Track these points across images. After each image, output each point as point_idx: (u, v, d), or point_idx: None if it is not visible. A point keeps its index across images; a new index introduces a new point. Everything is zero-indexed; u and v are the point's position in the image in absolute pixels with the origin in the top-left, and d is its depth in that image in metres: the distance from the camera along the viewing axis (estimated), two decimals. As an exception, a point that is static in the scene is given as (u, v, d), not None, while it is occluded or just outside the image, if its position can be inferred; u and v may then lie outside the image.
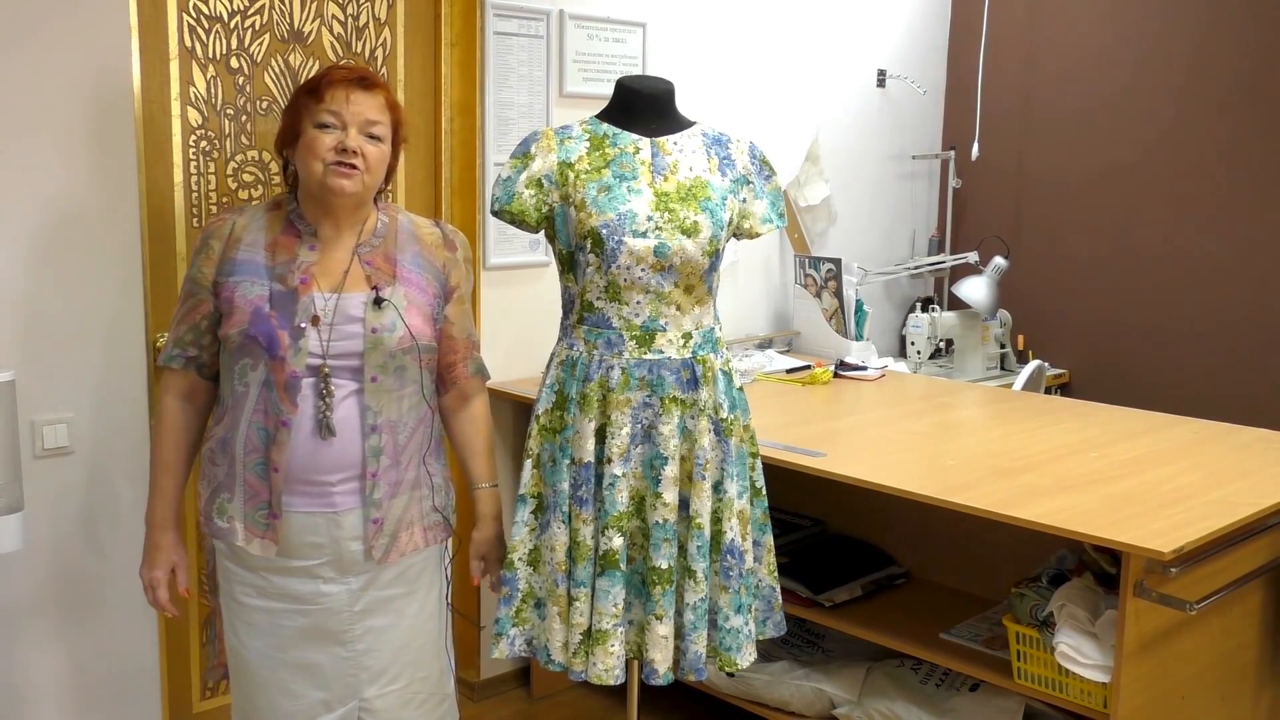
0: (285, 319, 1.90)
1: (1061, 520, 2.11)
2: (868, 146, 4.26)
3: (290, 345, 1.89)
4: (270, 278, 1.92)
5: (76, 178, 2.42)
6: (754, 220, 2.25)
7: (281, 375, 1.89)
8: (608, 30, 3.33)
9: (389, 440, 1.98)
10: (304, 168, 1.93)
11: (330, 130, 1.90)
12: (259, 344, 1.89)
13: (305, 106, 1.92)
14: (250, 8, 2.74)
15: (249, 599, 1.99)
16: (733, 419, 2.19)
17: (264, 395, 1.91)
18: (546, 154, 2.18)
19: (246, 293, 1.91)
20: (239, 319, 1.90)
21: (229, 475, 1.95)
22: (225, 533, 1.96)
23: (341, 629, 2.00)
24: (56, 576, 2.49)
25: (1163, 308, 4.04)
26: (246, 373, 1.92)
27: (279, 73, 2.81)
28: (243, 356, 1.92)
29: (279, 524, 1.93)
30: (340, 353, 1.93)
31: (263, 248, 1.95)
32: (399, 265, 2.01)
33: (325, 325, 1.92)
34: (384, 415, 1.97)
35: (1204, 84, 3.87)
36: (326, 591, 1.98)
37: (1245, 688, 2.47)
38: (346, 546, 1.97)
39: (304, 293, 1.91)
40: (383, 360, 1.95)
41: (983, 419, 3.09)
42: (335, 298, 1.93)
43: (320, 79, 1.93)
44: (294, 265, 1.93)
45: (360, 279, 1.96)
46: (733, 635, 2.18)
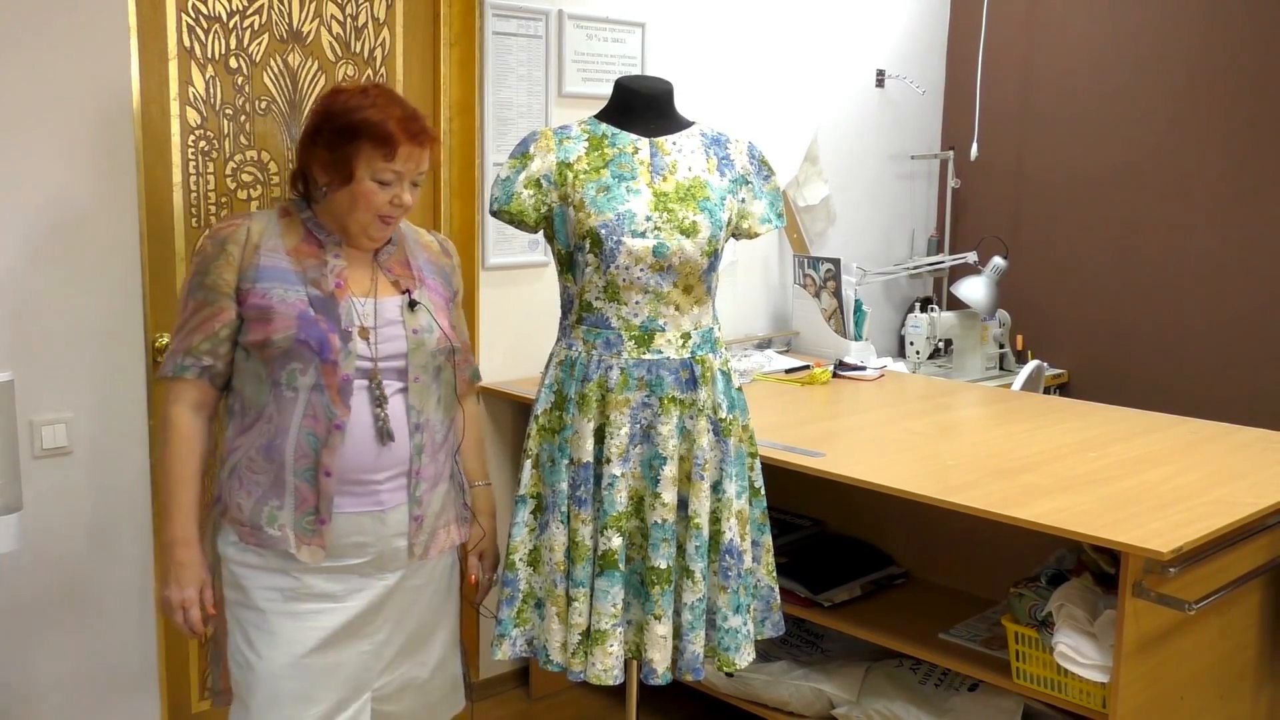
0: (332, 323, 1.89)
1: (1060, 520, 2.11)
2: (867, 146, 4.27)
3: (341, 349, 1.88)
4: (304, 283, 1.90)
5: (75, 178, 2.42)
6: (753, 220, 2.25)
7: (334, 379, 1.88)
8: (607, 30, 3.33)
9: (428, 439, 2.00)
10: (350, 211, 1.92)
11: (388, 187, 1.90)
12: (310, 348, 1.87)
13: (367, 157, 1.87)
14: (249, 8, 2.74)
15: (274, 604, 1.94)
16: (731, 419, 2.19)
17: (314, 400, 1.89)
18: (545, 154, 2.18)
19: (285, 297, 1.88)
20: (282, 324, 1.87)
21: (277, 482, 1.91)
22: (277, 541, 1.91)
23: (367, 623, 1.99)
24: (55, 576, 2.49)
25: (1162, 307, 4.04)
26: (295, 378, 1.89)
27: (278, 73, 2.81)
28: (291, 361, 1.88)
29: (326, 529, 1.91)
30: (385, 355, 1.94)
31: (284, 253, 1.92)
32: (417, 270, 2.04)
33: (370, 329, 1.93)
34: (424, 414, 1.99)
35: (1203, 83, 3.87)
36: (361, 587, 1.97)
37: (1244, 687, 2.47)
38: (390, 544, 1.98)
39: (341, 296, 1.91)
40: (424, 361, 1.98)
41: (982, 419, 3.09)
42: (372, 301, 1.95)
43: (390, 136, 1.87)
44: (326, 270, 1.92)
45: (387, 284, 1.99)
46: (731, 635, 2.18)
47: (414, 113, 1.92)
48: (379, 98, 1.91)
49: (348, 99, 1.91)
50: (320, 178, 1.92)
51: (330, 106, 1.92)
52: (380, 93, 1.93)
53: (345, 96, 1.92)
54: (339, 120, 1.89)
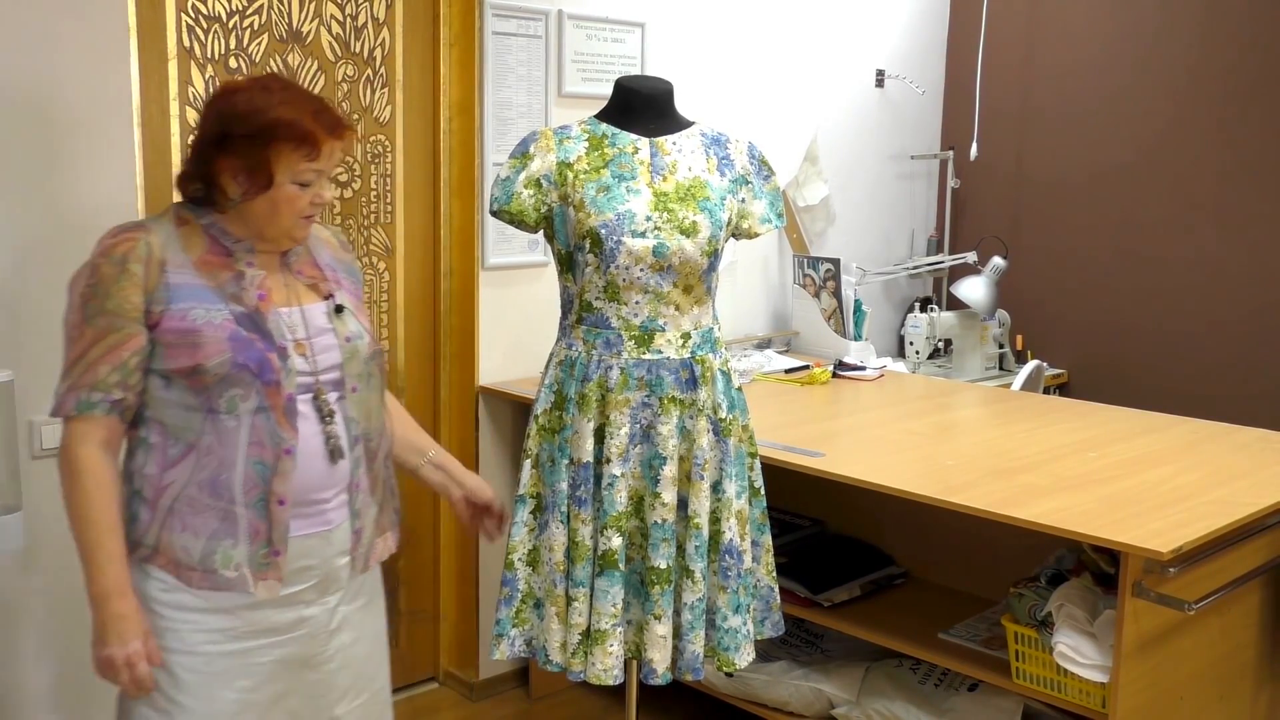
0: (267, 341, 1.74)
1: (1060, 520, 2.11)
2: (866, 146, 4.27)
3: (281, 367, 1.74)
4: (224, 300, 1.73)
5: (75, 178, 2.42)
6: (753, 220, 2.25)
7: (279, 400, 1.74)
8: (606, 30, 3.33)
9: (365, 450, 1.87)
10: (269, 218, 1.76)
11: (309, 187, 1.75)
12: (249, 371, 1.72)
13: (288, 160, 1.71)
14: (249, 8, 2.74)
15: (216, 646, 1.77)
16: (731, 419, 2.19)
17: (259, 425, 1.74)
18: (545, 154, 2.18)
19: (211, 318, 1.71)
20: (214, 349, 1.70)
21: (227, 519, 1.75)
22: (234, 583, 1.75)
23: (316, 652, 1.85)
24: (55, 576, 2.49)
25: (1161, 307, 4.04)
26: (236, 404, 1.72)
27: (278, 73, 2.81)
28: (229, 388, 1.72)
29: (281, 560, 1.77)
30: (324, 367, 1.81)
31: (191, 268, 1.74)
32: (327, 269, 1.90)
33: (305, 341, 1.79)
34: (362, 425, 1.86)
35: (1203, 83, 3.87)
36: (307, 615, 1.83)
37: (1244, 687, 2.47)
38: (333, 563, 1.85)
39: (266, 310, 1.76)
40: (359, 369, 1.85)
41: (981, 419, 3.09)
42: (297, 310, 1.80)
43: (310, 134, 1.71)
44: (244, 283, 1.75)
45: (304, 288, 1.84)
46: (731, 635, 2.18)
47: (325, 104, 1.78)
48: (284, 92, 1.74)
49: (252, 98, 1.72)
50: (231, 187, 1.74)
51: (234, 108, 1.72)
52: (281, 85, 1.76)
53: (247, 95, 1.73)
54: (249, 123, 1.71)
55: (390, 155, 3.05)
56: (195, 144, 1.77)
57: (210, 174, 1.75)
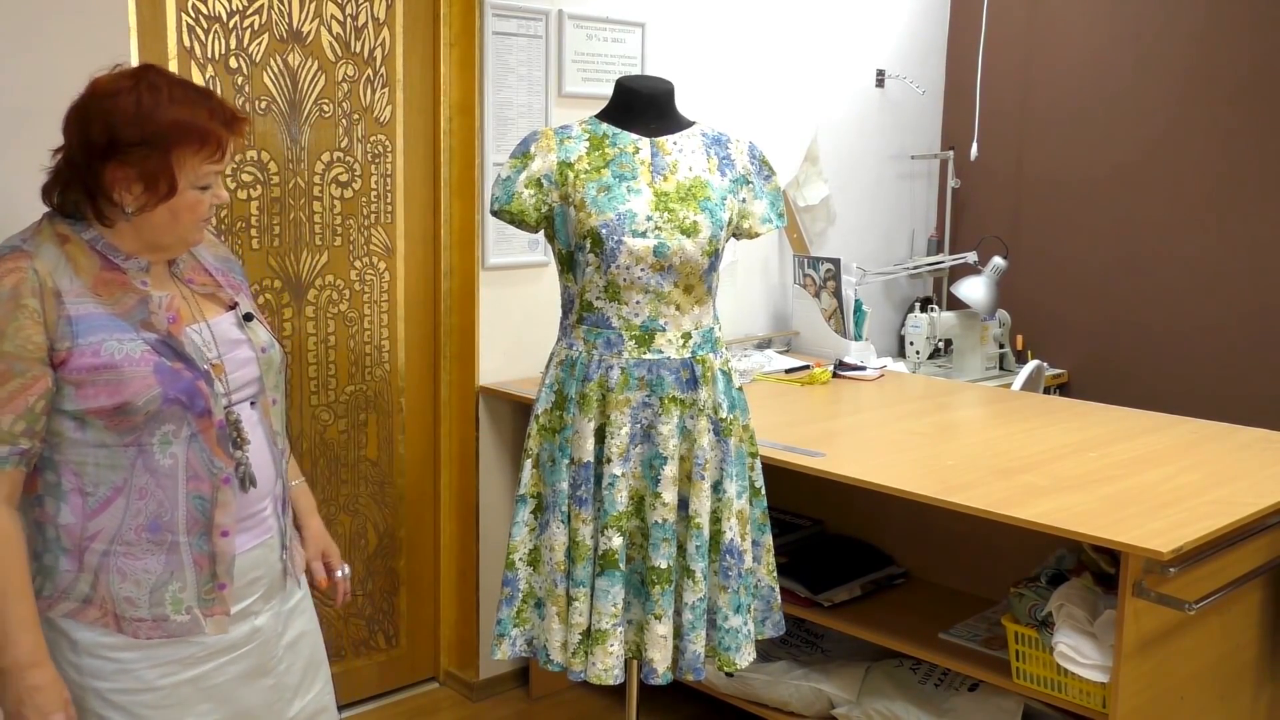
0: (192, 367, 1.62)
1: (1060, 520, 2.11)
2: (867, 146, 4.27)
3: (210, 393, 1.64)
4: (134, 327, 1.59)
5: (75, 177, 2.42)
6: (753, 220, 2.25)
7: (211, 429, 1.64)
8: (607, 30, 3.33)
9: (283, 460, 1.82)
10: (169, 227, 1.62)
11: (210, 189, 1.64)
12: (181, 404, 1.60)
13: (190, 164, 1.59)
14: (249, 8, 2.74)
15: (173, 677, 1.68)
16: (732, 419, 2.19)
17: (191, 459, 1.63)
18: (546, 154, 2.18)
19: (125, 352, 1.57)
20: (141, 385, 1.57)
21: (172, 562, 1.65)
22: (186, 628, 1.66)
23: (270, 657, 1.80)
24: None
25: (1162, 307, 4.04)
26: (170, 442, 1.61)
27: (278, 73, 2.81)
28: (161, 425, 1.60)
29: (227, 592, 1.69)
30: (240, 384, 1.71)
31: (88, 294, 1.59)
32: (217, 273, 1.79)
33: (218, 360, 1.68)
34: (281, 437, 1.80)
35: (1203, 83, 3.87)
36: (260, 625, 1.77)
37: (1244, 687, 2.47)
38: (275, 569, 1.80)
39: (178, 333, 1.64)
40: (275, 379, 1.77)
41: (982, 419, 3.09)
42: (205, 327, 1.68)
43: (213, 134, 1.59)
44: (151, 306, 1.62)
45: (205, 300, 1.72)
46: (731, 635, 2.18)
47: (216, 97, 1.64)
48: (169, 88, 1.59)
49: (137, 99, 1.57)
50: (127, 199, 1.59)
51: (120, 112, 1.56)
52: (164, 79, 1.60)
53: (127, 97, 1.57)
54: (140, 128, 1.56)
55: (390, 155, 3.06)
56: (72, 152, 1.61)
57: (97, 185, 1.59)
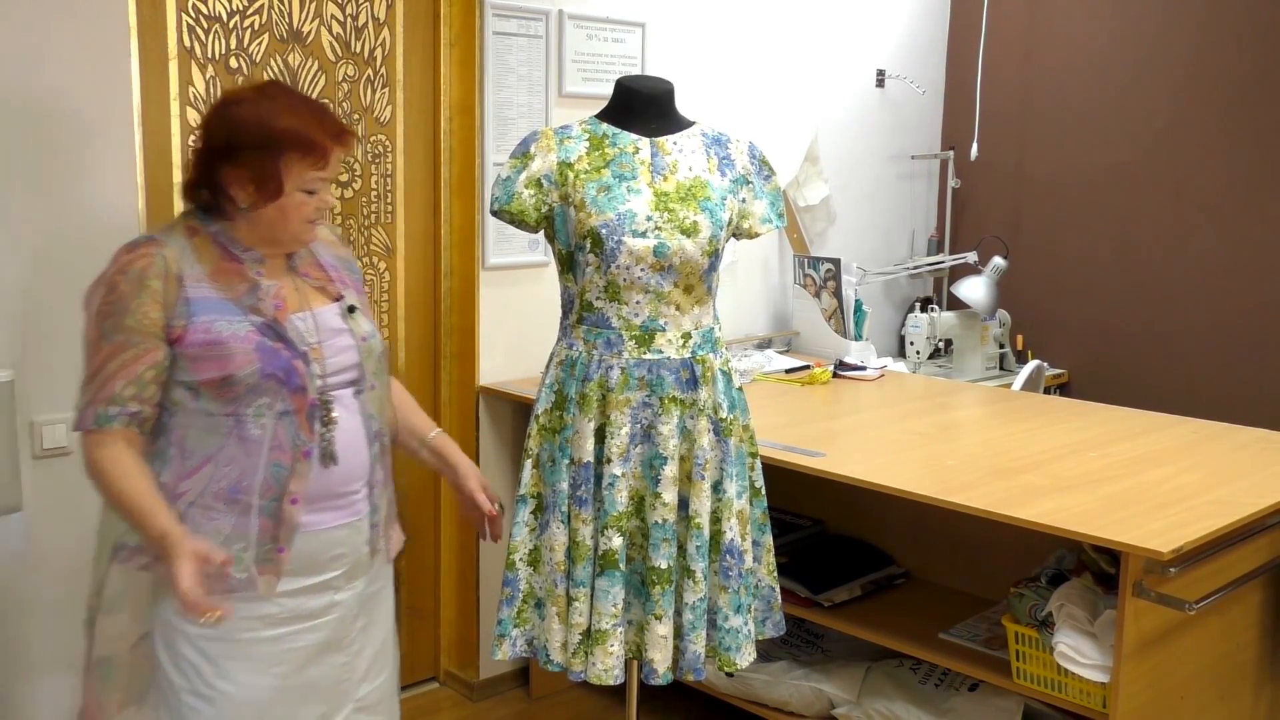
0: (292, 349, 1.80)
1: (1060, 520, 2.11)
2: (867, 146, 4.27)
3: (306, 372, 1.81)
4: (243, 312, 1.78)
5: (76, 178, 2.42)
6: (753, 220, 2.25)
7: (304, 405, 1.81)
8: (607, 30, 3.33)
9: (380, 444, 1.94)
10: (278, 225, 1.81)
11: (316, 194, 1.81)
12: (278, 379, 1.78)
13: (297, 170, 1.76)
14: (249, 8, 2.74)
15: (253, 634, 1.83)
16: (732, 419, 2.19)
17: (280, 431, 1.80)
18: (546, 154, 2.18)
19: (236, 330, 1.76)
20: (244, 359, 1.76)
21: (240, 524, 1.80)
22: (244, 585, 1.80)
23: (344, 635, 1.93)
24: (55, 576, 2.49)
25: (1162, 308, 4.04)
26: (264, 413, 1.79)
27: (278, 73, 2.81)
28: (258, 397, 1.78)
29: (284, 556, 1.82)
30: (337, 369, 1.87)
31: (207, 280, 1.78)
32: (331, 269, 1.95)
33: (317, 345, 1.84)
34: (378, 421, 1.93)
35: (1203, 83, 3.87)
36: (338, 600, 1.90)
37: (1244, 687, 2.47)
38: (360, 551, 1.92)
39: (284, 318, 1.81)
40: (374, 367, 1.92)
41: (982, 419, 3.09)
42: (310, 316, 1.85)
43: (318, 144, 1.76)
44: (260, 294, 1.80)
45: (314, 292, 1.90)
46: (732, 635, 2.18)
47: (327, 110, 1.83)
48: (285, 100, 1.79)
49: (256, 108, 1.77)
50: (241, 196, 1.78)
51: (240, 119, 1.76)
52: (282, 92, 1.81)
53: (249, 106, 1.77)
54: (256, 134, 1.75)
55: (390, 155, 3.06)
56: (200, 153, 1.80)
57: (217, 183, 1.79)
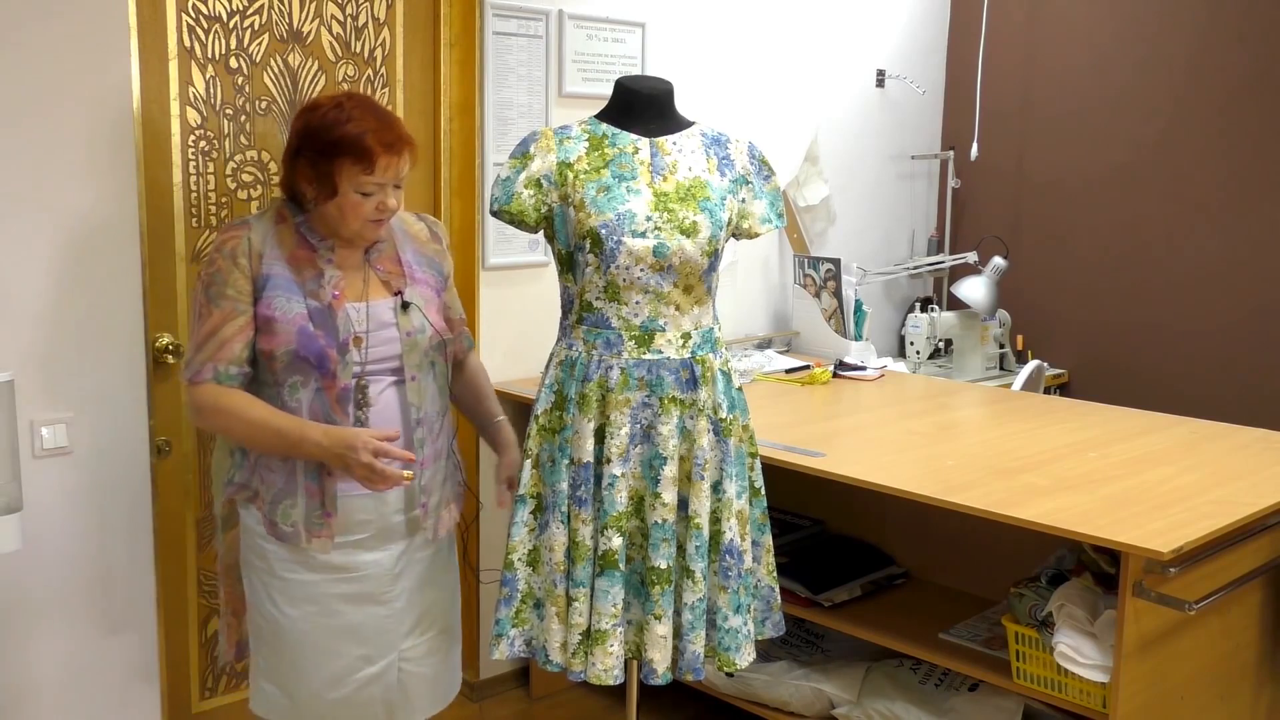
0: (330, 336, 1.99)
1: (1061, 520, 2.11)
2: (867, 146, 4.27)
3: (339, 361, 1.99)
4: (303, 294, 2.00)
5: (75, 178, 2.42)
6: (753, 220, 2.25)
7: (334, 390, 2.00)
8: (607, 30, 3.33)
9: (427, 430, 2.11)
10: (339, 221, 2.01)
11: (372, 196, 1.98)
12: (309, 363, 1.98)
13: (348, 172, 1.95)
14: (249, 8, 2.74)
15: (292, 574, 2.07)
16: (732, 419, 2.19)
17: (315, 408, 2.00)
18: (545, 154, 2.18)
19: (286, 310, 1.98)
20: (284, 338, 1.97)
21: (289, 483, 2.03)
22: (290, 536, 2.04)
23: (381, 591, 2.12)
24: (55, 577, 2.49)
25: (1162, 307, 4.04)
26: (298, 390, 2.01)
27: (278, 73, 2.81)
28: (292, 374, 2.00)
29: (333, 520, 2.04)
30: (378, 358, 2.05)
31: (283, 261, 2.01)
32: (406, 265, 2.13)
33: (363, 334, 2.02)
34: (422, 409, 2.10)
35: (1203, 84, 3.87)
36: (368, 560, 2.10)
37: (1245, 687, 2.47)
38: (389, 520, 2.10)
39: (339, 307, 2.01)
40: (419, 360, 2.09)
41: (982, 419, 3.09)
42: (364, 306, 2.04)
43: (367, 150, 1.94)
44: (323, 281, 2.01)
45: (379, 284, 2.08)
46: (731, 635, 2.18)
47: (389, 122, 2.00)
48: (354, 110, 1.97)
49: (324, 115, 1.97)
50: (307, 191, 2.01)
51: (309, 123, 1.99)
52: (355, 104, 1.99)
53: (321, 113, 1.98)
54: (318, 138, 1.96)
55: (390, 155, 3.05)
56: (284, 152, 2.06)
57: (291, 180, 2.04)
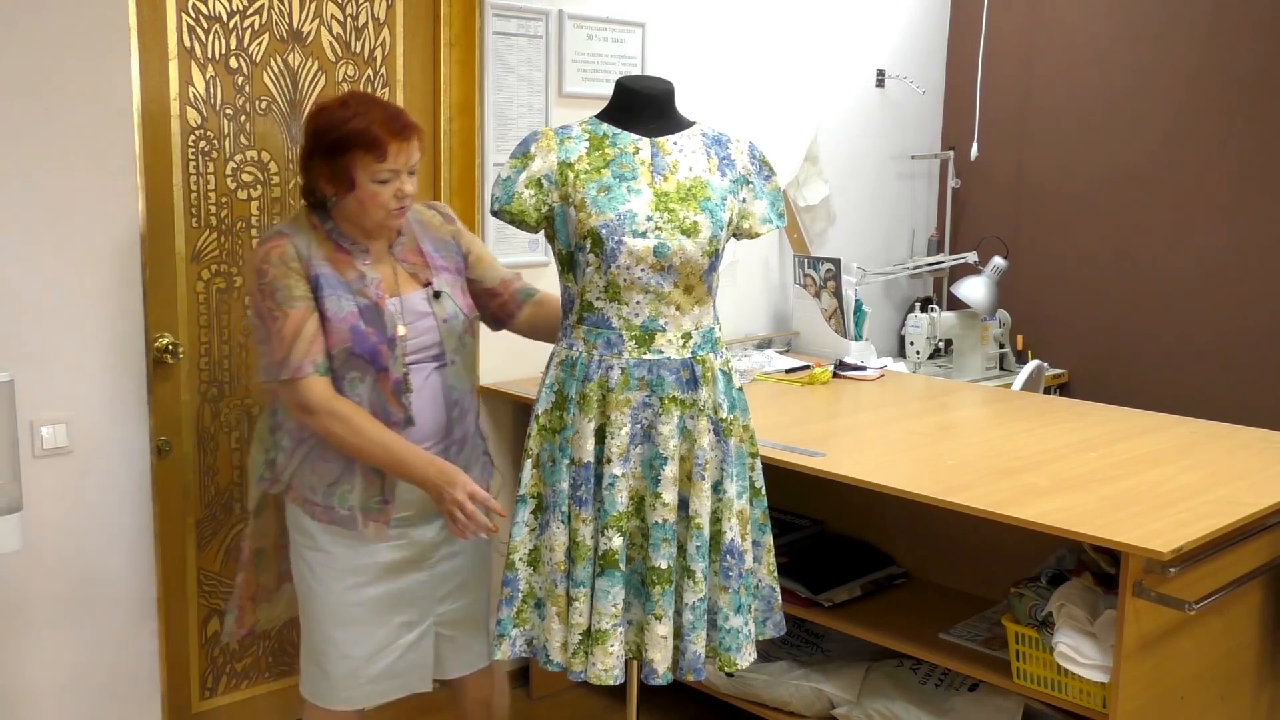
0: (380, 332, 2.13)
1: (1061, 520, 2.11)
2: (867, 146, 4.27)
3: (390, 355, 2.14)
4: (351, 293, 2.13)
5: (76, 177, 2.42)
6: (753, 220, 2.25)
7: (387, 384, 2.14)
8: (607, 30, 3.33)
9: (461, 413, 2.27)
10: (361, 213, 2.13)
11: (388, 184, 2.10)
12: (364, 359, 2.12)
13: (362, 163, 2.07)
14: (249, 8, 2.74)
15: (337, 547, 2.21)
16: (732, 419, 2.19)
17: (373, 401, 2.14)
18: (546, 154, 2.18)
19: (338, 310, 2.11)
20: (338, 337, 2.11)
21: (347, 470, 2.17)
22: (346, 520, 2.18)
23: (425, 556, 2.29)
24: (55, 577, 2.49)
25: (1162, 307, 4.04)
26: (357, 385, 2.14)
27: (278, 73, 2.81)
28: (349, 370, 2.13)
29: (390, 507, 2.20)
30: (419, 347, 2.20)
31: (327, 263, 2.14)
32: (428, 255, 2.26)
33: (405, 326, 2.17)
34: (458, 390, 2.26)
35: (1203, 84, 3.87)
36: (411, 532, 2.26)
37: (1245, 687, 2.47)
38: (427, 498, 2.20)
39: (382, 304, 2.15)
40: (455, 344, 2.24)
41: (982, 419, 3.09)
42: (399, 300, 2.18)
43: (377, 139, 2.06)
44: (365, 281, 2.15)
45: (407, 278, 2.22)
46: (732, 635, 2.18)
47: (395, 112, 2.13)
48: (359, 105, 2.10)
49: (332, 114, 2.10)
50: (327, 190, 2.13)
51: (318, 125, 2.12)
52: (359, 100, 2.13)
53: (329, 113, 2.11)
54: (329, 136, 2.09)
55: (391, 155, 3.05)
56: (300, 160, 2.18)
57: (311, 183, 2.16)
